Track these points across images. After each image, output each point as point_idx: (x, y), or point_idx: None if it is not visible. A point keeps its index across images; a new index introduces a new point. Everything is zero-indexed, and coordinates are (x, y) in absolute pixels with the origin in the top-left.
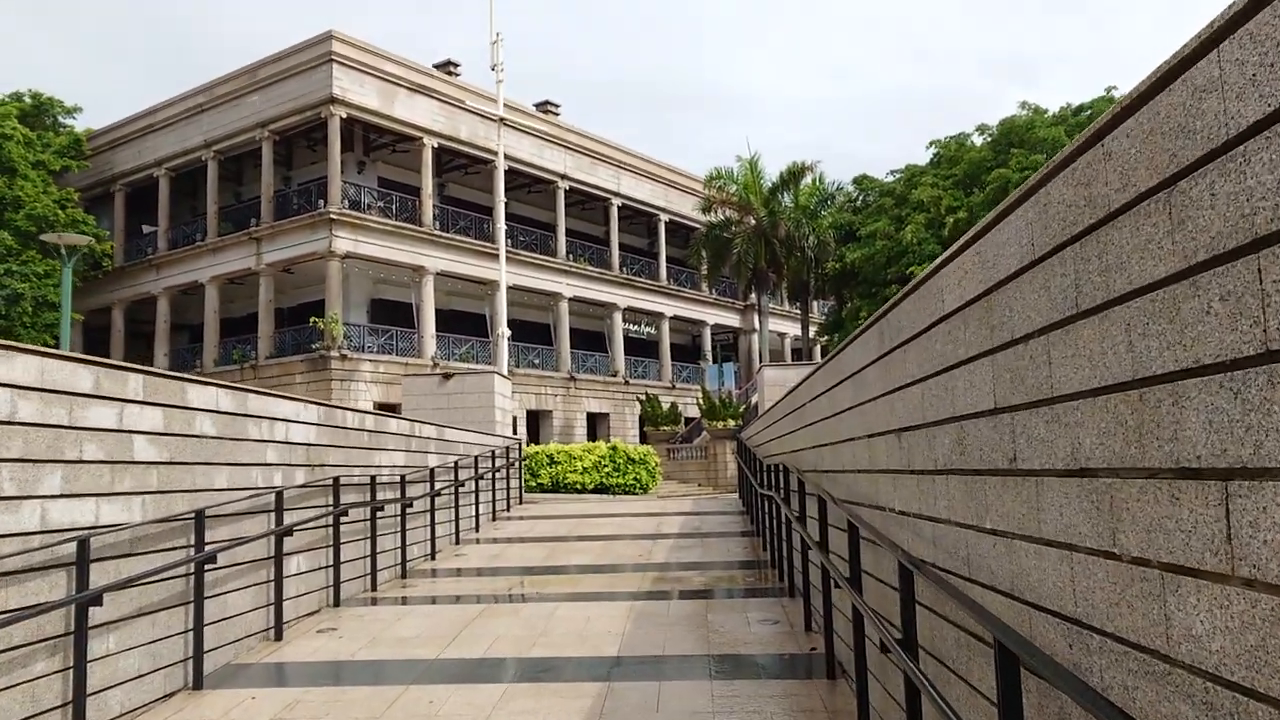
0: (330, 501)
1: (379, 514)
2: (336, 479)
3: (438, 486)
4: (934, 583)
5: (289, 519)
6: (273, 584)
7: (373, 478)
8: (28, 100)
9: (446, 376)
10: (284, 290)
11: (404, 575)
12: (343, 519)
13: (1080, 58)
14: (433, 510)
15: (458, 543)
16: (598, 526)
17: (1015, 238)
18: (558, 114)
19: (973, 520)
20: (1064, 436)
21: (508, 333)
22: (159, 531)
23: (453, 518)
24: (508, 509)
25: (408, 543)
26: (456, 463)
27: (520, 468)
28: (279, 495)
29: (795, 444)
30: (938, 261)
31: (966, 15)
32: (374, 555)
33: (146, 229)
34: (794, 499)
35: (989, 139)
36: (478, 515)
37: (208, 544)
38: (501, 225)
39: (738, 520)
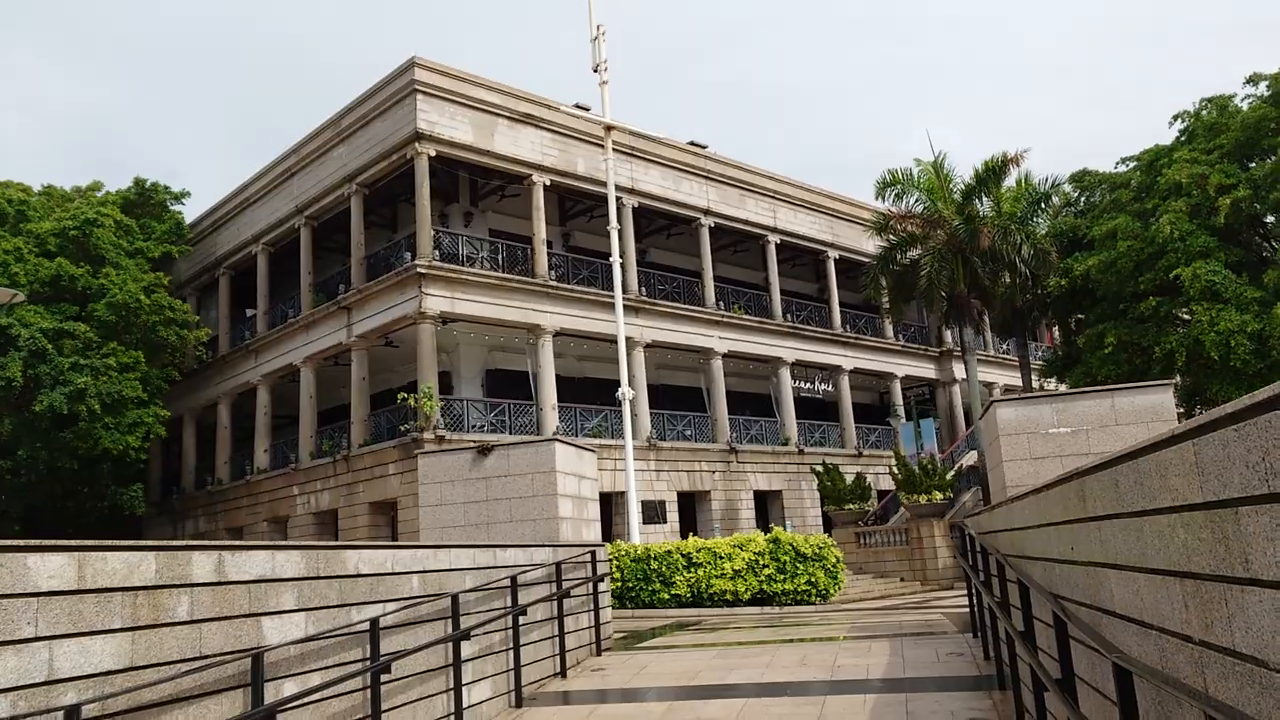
0: None
1: None
2: None
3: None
4: None
5: None
6: None
7: None
8: (132, 188)
9: (483, 451)
10: (390, 367)
11: None
12: None
13: None
14: None
15: None
16: None
17: None
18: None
19: None
20: None
21: (631, 393)
22: None
23: None
24: (561, 672)
25: None
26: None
27: (596, 594)
28: None
29: None
30: None
31: (1154, 49)
32: None
33: (250, 312)
34: None
35: (1265, 96)
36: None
37: None
38: (617, 258)
39: (982, 705)
